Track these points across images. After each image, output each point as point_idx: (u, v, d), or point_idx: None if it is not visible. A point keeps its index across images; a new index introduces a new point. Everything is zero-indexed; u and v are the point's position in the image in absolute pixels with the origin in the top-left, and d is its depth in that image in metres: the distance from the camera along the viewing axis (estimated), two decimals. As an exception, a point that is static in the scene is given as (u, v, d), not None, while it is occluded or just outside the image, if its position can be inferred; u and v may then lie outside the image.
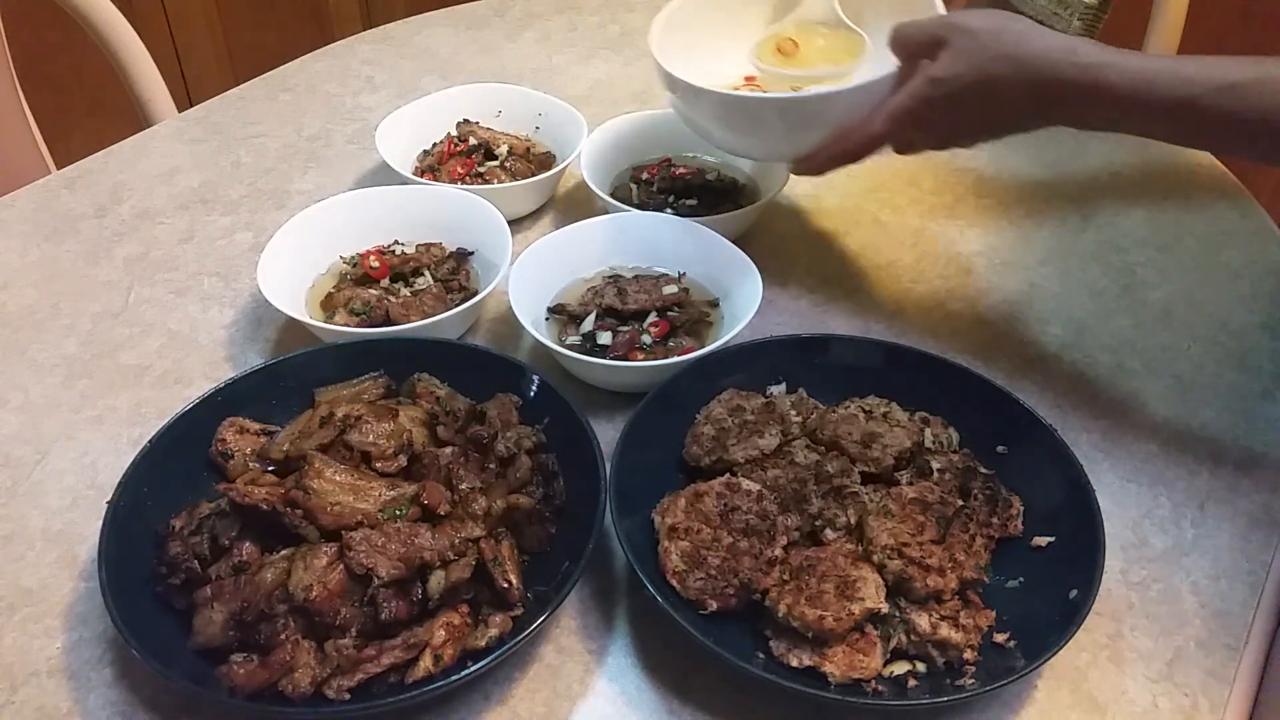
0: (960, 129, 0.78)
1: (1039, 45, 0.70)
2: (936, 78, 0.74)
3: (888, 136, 0.79)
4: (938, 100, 0.75)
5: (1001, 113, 0.74)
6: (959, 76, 0.73)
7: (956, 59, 0.73)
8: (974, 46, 0.72)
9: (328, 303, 0.88)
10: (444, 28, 1.36)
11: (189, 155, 1.12)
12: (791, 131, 0.84)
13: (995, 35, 0.72)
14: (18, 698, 0.63)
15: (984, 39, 0.72)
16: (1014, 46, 0.71)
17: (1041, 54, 0.70)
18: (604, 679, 0.64)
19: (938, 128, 0.78)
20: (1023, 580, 0.67)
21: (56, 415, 0.82)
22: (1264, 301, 0.92)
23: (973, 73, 0.72)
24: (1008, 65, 0.71)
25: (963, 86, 0.73)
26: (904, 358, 0.78)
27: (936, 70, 0.74)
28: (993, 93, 0.72)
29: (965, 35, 0.73)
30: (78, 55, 1.97)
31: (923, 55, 0.76)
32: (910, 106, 0.76)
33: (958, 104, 0.74)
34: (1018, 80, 0.71)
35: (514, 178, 1.01)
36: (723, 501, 0.67)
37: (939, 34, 0.75)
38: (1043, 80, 0.70)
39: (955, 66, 0.73)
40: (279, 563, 0.63)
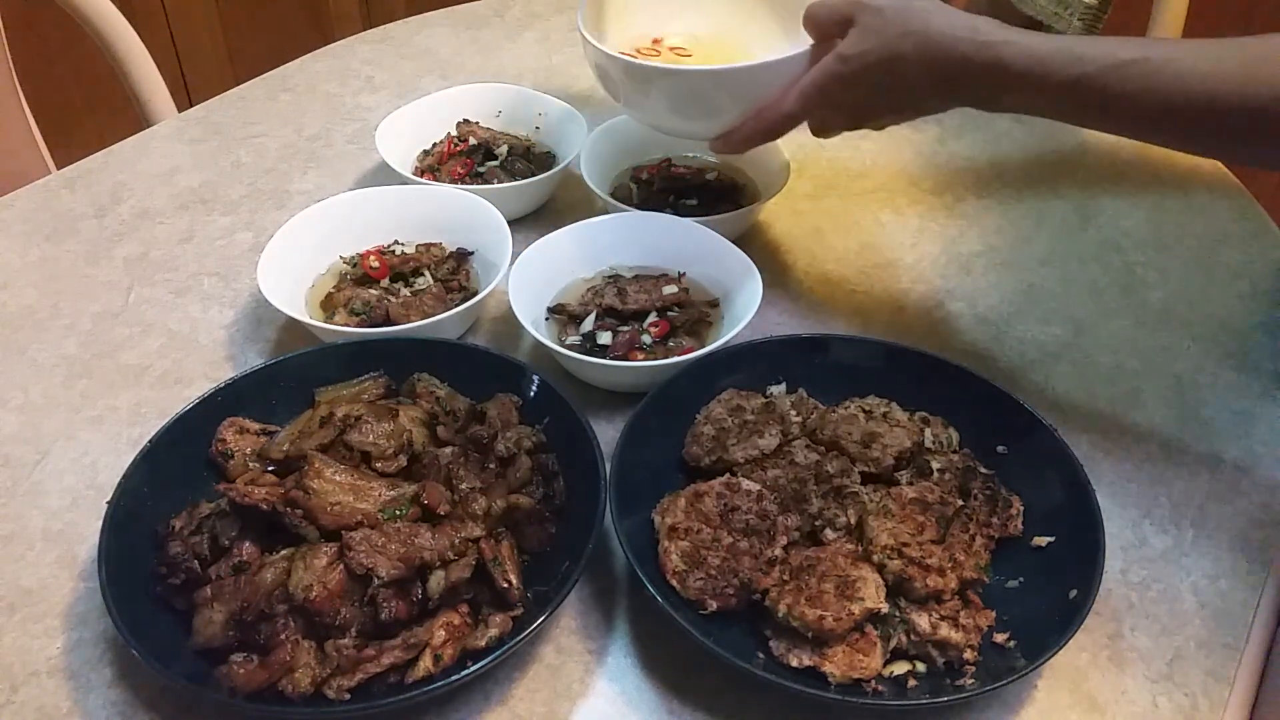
0: (868, 107, 0.79)
1: (940, 22, 0.71)
2: (844, 54, 0.75)
3: (801, 114, 0.81)
4: (845, 77, 0.76)
5: (906, 91, 0.75)
6: (864, 54, 0.74)
7: (864, 36, 0.74)
8: (879, 24, 0.73)
9: (328, 303, 0.88)
10: (444, 28, 1.36)
11: (189, 155, 1.12)
12: (704, 106, 0.85)
13: (900, 13, 0.73)
14: (18, 698, 0.63)
15: (889, 16, 0.73)
16: (918, 23, 0.72)
17: (943, 30, 0.71)
18: (604, 679, 0.64)
19: (847, 106, 0.79)
20: (1023, 580, 0.67)
21: (56, 415, 0.82)
22: (1264, 301, 0.92)
23: (878, 50, 0.73)
24: (909, 42, 0.72)
25: (868, 64, 0.74)
26: (904, 358, 0.78)
27: (844, 47, 0.75)
28: (897, 70, 0.73)
29: (872, 13, 0.74)
30: (78, 55, 1.97)
31: (834, 34, 0.77)
32: (820, 83, 0.77)
33: (864, 81, 0.75)
34: (919, 57, 0.72)
35: (514, 178, 1.01)
36: (723, 501, 0.67)
37: (848, 12, 0.75)
38: (942, 57, 0.71)
39: (862, 44, 0.74)
40: (279, 563, 0.63)
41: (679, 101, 0.87)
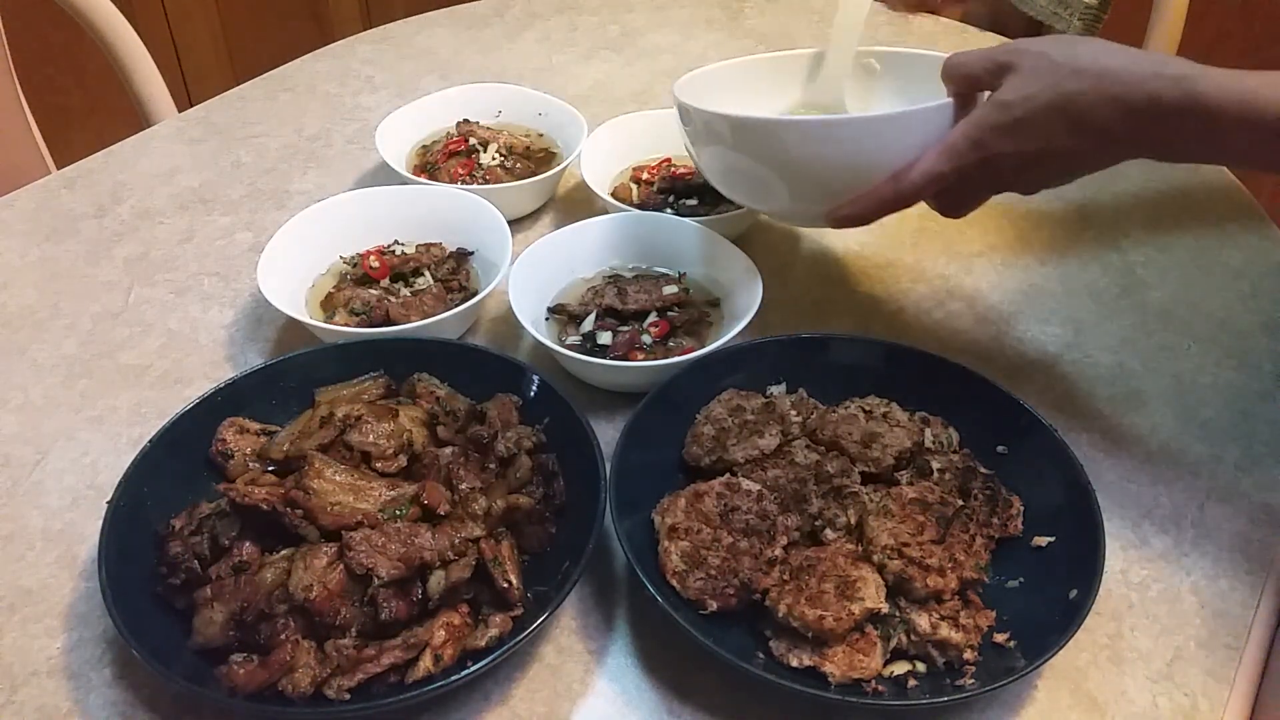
0: (1030, 164, 0.69)
1: (1119, 59, 0.63)
2: (1004, 100, 0.66)
3: (949, 173, 0.70)
4: (1006, 126, 0.66)
5: (1081, 138, 0.65)
6: (1030, 98, 0.64)
7: (1027, 80, 0.65)
8: (1046, 65, 0.64)
9: (328, 303, 0.88)
10: (444, 28, 1.36)
11: (189, 155, 1.12)
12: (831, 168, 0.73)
13: (1068, 52, 0.64)
14: (18, 698, 0.63)
15: (1056, 57, 0.64)
16: (1091, 62, 0.63)
17: (1124, 67, 0.62)
18: (604, 679, 0.64)
19: (1006, 161, 0.69)
20: (1023, 580, 0.67)
21: (56, 415, 0.82)
22: (1264, 301, 0.92)
23: (1047, 92, 0.64)
24: (1085, 81, 0.63)
25: (1036, 108, 0.64)
26: (904, 358, 0.78)
27: (1005, 94, 0.66)
28: (1072, 114, 0.64)
29: (1034, 56, 0.65)
30: (78, 55, 1.97)
31: (984, 85, 0.69)
32: (974, 135, 0.67)
33: (1028, 130, 0.65)
34: (1098, 98, 0.62)
35: (514, 178, 1.01)
36: (723, 501, 0.67)
37: (1004, 59, 0.67)
38: (1127, 96, 0.62)
39: (1026, 87, 0.65)
40: (279, 563, 0.63)
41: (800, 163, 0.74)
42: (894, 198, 0.72)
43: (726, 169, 0.80)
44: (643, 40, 1.34)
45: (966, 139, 0.68)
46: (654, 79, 1.26)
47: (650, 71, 1.27)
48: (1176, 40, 1.34)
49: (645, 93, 1.22)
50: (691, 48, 1.32)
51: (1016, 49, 0.67)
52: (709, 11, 1.41)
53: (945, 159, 0.69)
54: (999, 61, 0.67)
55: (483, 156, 1.03)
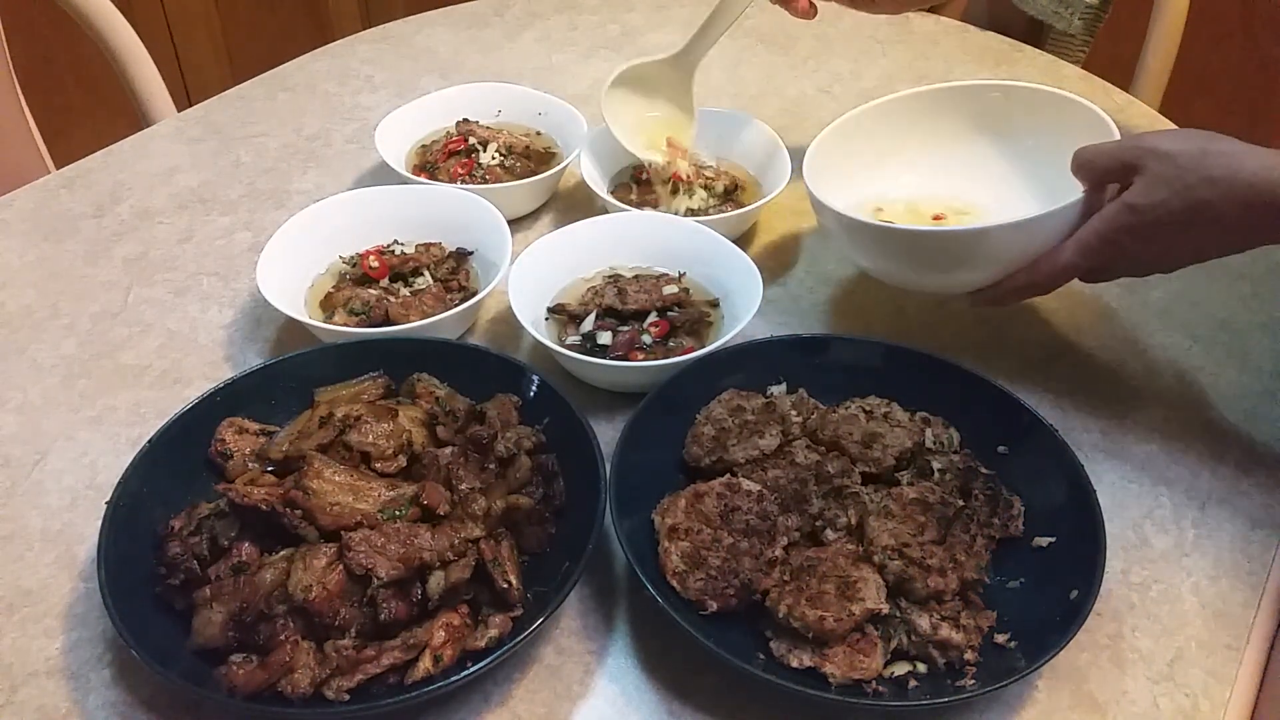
0: (1163, 257, 0.73)
1: (1252, 166, 0.65)
2: (1135, 204, 0.69)
3: (1080, 268, 0.74)
4: (1137, 229, 0.70)
5: (1212, 240, 0.70)
6: (1161, 204, 0.68)
7: (1156, 185, 0.68)
8: (1174, 172, 0.67)
9: (327, 302, 0.88)
10: (444, 27, 1.36)
11: (188, 155, 1.12)
12: (977, 262, 0.78)
13: (1197, 159, 0.67)
14: (17, 698, 0.63)
15: (1184, 162, 0.67)
16: (1222, 170, 0.66)
17: (1256, 176, 0.65)
18: (604, 679, 0.64)
19: (1138, 256, 0.73)
20: (1024, 581, 0.67)
21: (55, 415, 0.82)
22: (1265, 301, 0.92)
23: (1176, 199, 0.67)
24: (1216, 190, 0.66)
25: (1166, 214, 0.68)
26: (904, 358, 0.78)
27: (1134, 197, 0.69)
28: (1201, 219, 0.67)
29: (1162, 159, 0.68)
30: (78, 55, 1.97)
31: (1112, 180, 0.73)
32: (1106, 235, 0.71)
33: (1161, 234, 0.69)
34: (1230, 205, 0.66)
35: (514, 177, 1.01)
36: (723, 502, 0.67)
37: (1131, 159, 0.70)
38: (1258, 202, 0.65)
39: (1155, 193, 0.68)
40: (278, 563, 0.62)
41: (951, 260, 0.79)
42: (1028, 286, 0.77)
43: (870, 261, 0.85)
44: (643, 40, 1.34)
45: (1099, 238, 0.72)
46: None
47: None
48: (1176, 40, 1.34)
49: (645, 92, 1.22)
50: (691, 47, 1.32)
51: (1142, 150, 0.69)
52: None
53: (1079, 255, 0.73)
54: (1125, 161, 0.70)
55: (482, 156, 1.03)
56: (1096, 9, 1.32)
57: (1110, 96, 1.21)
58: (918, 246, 0.79)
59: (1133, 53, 1.36)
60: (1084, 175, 0.74)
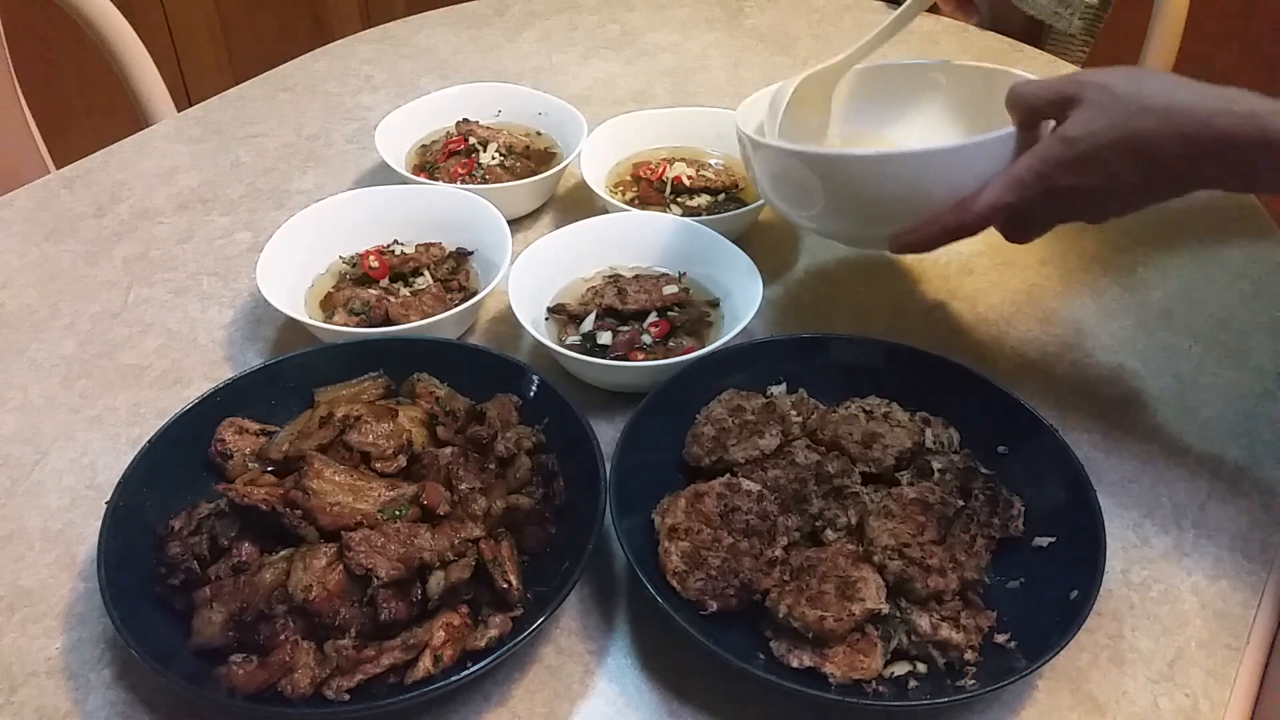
0: (1096, 196, 0.69)
1: (1186, 95, 0.62)
2: (1070, 136, 0.66)
3: (1016, 204, 0.70)
4: (1072, 161, 0.66)
5: (1148, 174, 0.66)
6: (1096, 134, 0.65)
7: (1092, 115, 0.65)
8: (1110, 100, 0.64)
9: (327, 302, 0.88)
10: (444, 27, 1.36)
11: (188, 155, 1.12)
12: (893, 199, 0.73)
13: (1133, 87, 0.64)
14: (17, 698, 0.63)
15: (1121, 91, 0.64)
16: (1159, 96, 0.63)
17: (1192, 105, 0.62)
18: (604, 679, 0.64)
19: (1071, 195, 0.69)
20: (1023, 581, 0.67)
21: (55, 415, 0.82)
22: (1265, 301, 0.92)
23: (1113, 129, 0.64)
24: (1152, 119, 0.63)
25: (1101, 145, 0.64)
26: (904, 358, 0.78)
27: (1069, 129, 0.66)
28: (1138, 150, 0.64)
29: (1099, 89, 0.65)
30: (78, 55, 1.97)
31: (1048, 116, 0.69)
32: (1041, 170, 0.68)
33: (1095, 166, 0.66)
34: (1166, 134, 0.63)
35: (514, 177, 1.01)
36: (723, 502, 0.67)
37: (1069, 90, 0.67)
38: (1198, 134, 0.62)
39: (1092, 123, 0.65)
40: (278, 563, 0.62)
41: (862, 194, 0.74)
42: (957, 226, 0.72)
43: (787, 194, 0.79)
44: (642, 39, 1.34)
45: (1032, 172, 0.68)
46: (654, 78, 1.25)
47: (650, 71, 1.27)
48: (1177, 40, 1.34)
49: (645, 92, 1.22)
50: (691, 47, 1.32)
51: (1079, 81, 0.66)
52: (709, 10, 1.41)
53: (1010, 191, 0.69)
54: (1062, 93, 0.67)
55: (482, 156, 1.03)
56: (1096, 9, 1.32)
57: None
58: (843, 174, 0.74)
59: (1133, 53, 1.36)
60: (1017, 110, 0.71)
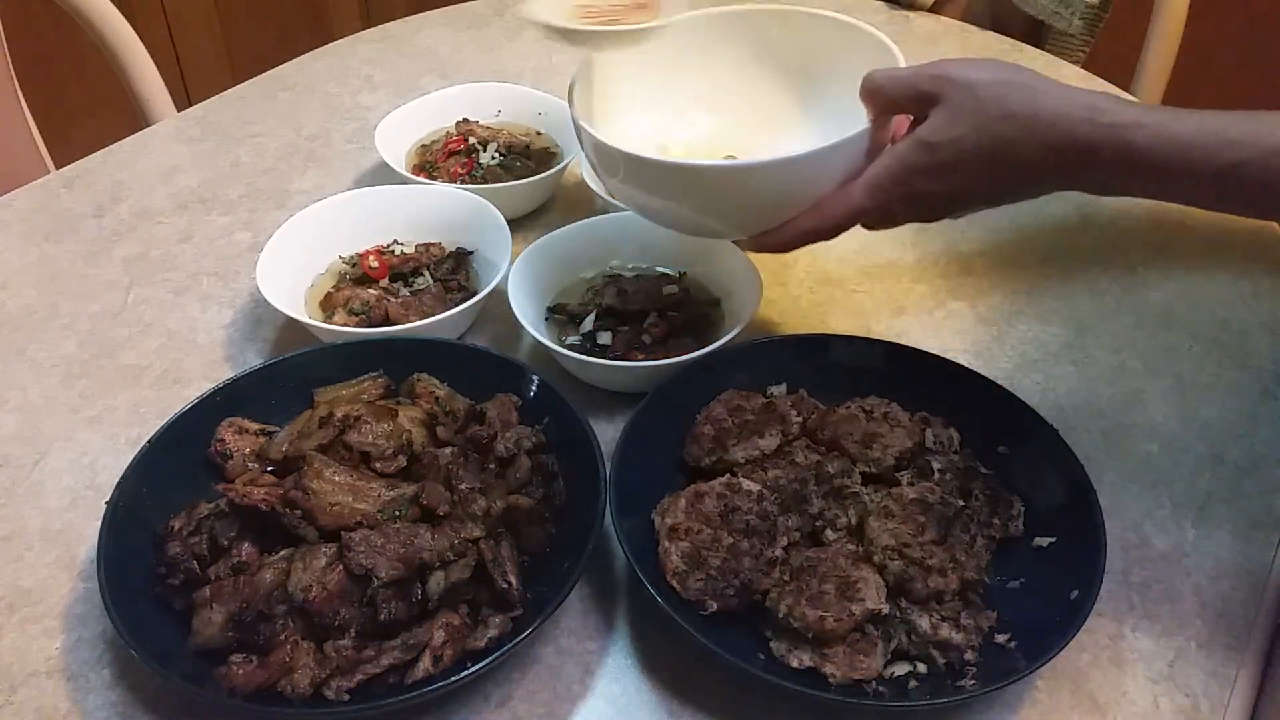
0: (957, 199, 0.68)
1: (1052, 103, 0.61)
2: (930, 142, 0.64)
3: (872, 209, 0.68)
4: (932, 168, 0.64)
5: (1010, 180, 0.65)
6: (957, 141, 0.63)
7: (954, 119, 0.63)
8: (973, 104, 0.62)
9: (327, 302, 0.88)
10: (444, 27, 1.36)
11: (188, 155, 1.12)
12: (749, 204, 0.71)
13: (999, 91, 0.62)
14: (17, 698, 0.63)
15: (984, 94, 0.62)
16: (1023, 104, 0.61)
17: (1058, 113, 0.60)
18: (604, 680, 0.64)
19: (931, 199, 0.68)
20: (1024, 581, 0.67)
21: (55, 415, 0.82)
22: (1265, 301, 0.92)
23: (975, 134, 0.62)
24: (1016, 126, 0.61)
25: (961, 153, 0.63)
26: (904, 358, 0.78)
27: (929, 133, 0.64)
28: (1000, 158, 0.62)
29: (961, 90, 0.63)
30: (77, 55, 1.97)
31: (904, 111, 0.68)
32: (899, 176, 0.66)
33: (956, 173, 0.64)
34: (1030, 143, 0.61)
35: (514, 177, 1.01)
36: (723, 502, 0.67)
37: (928, 88, 0.64)
38: (1058, 144, 0.61)
39: (953, 128, 0.63)
40: (278, 563, 0.62)
41: (720, 200, 0.72)
42: (815, 230, 0.71)
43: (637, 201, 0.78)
44: (642, 40, 1.34)
45: (890, 177, 0.67)
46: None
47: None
48: (1177, 40, 1.34)
49: (645, 92, 1.22)
50: (691, 47, 1.32)
51: (941, 78, 0.64)
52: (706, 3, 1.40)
53: (869, 195, 0.68)
54: (922, 90, 0.65)
55: (482, 156, 1.03)
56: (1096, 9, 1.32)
57: (1110, 96, 1.21)
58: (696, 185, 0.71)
59: (1133, 53, 1.36)
60: (873, 103, 0.68)
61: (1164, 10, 1.32)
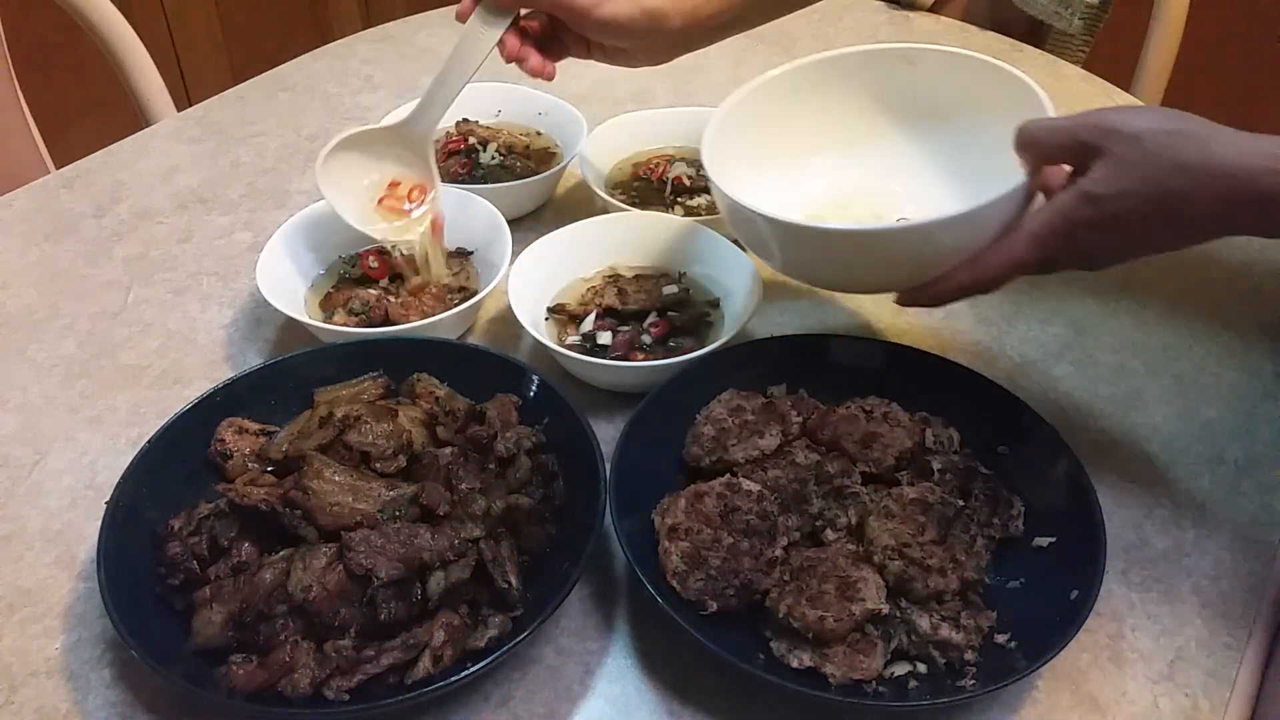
0: (1121, 250, 0.65)
1: (1229, 153, 0.58)
2: (1095, 194, 0.61)
3: (1030, 265, 0.66)
4: (1098, 222, 0.62)
5: (1177, 231, 0.62)
6: (1124, 195, 0.60)
7: (1120, 172, 0.60)
8: (1139, 157, 0.60)
9: (327, 302, 0.88)
10: (444, 27, 1.35)
11: (188, 155, 1.12)
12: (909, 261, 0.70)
13: (1168, 142, 0.59)
14: (17, 698, 0.63)
15: (1151, 146, 0.59)
16: (1195, 155, 0.59)
17: (1230, 161, 0.58)
18: (604, 680, 0.64)
19: (1097, 250, 0.65)
20: (1024, 581, 0.67)
21: (55, 415, 0.82)
22: (1265, 301, 0.92)
23: (1143, 187, 0.60)
24: (1188, 179, 0.59)
25: (1131, 205, 0.60)
26: (904, 358, 0.78)
27: (1095, 186, 0.61)
28: (1170, 211, 0.60)
29: (1126, 142, 0.60)
30: (78, 55, 1.97)
31: (1063, 162, 0.66)
32: (1062, 229, 0.64)
33: (1124, 227, 0.62)
34: (1203, 196, 0.59)
35: (514, 177, 1.01)
36: (723, 502, 0.67)
37: (1090, 139, 0.62)
38: (1236, 195, 0.58)
39: (1119, 182, 0.60)
40: (278, 563, 0.62)
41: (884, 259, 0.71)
42: (973, 284, 0.69)
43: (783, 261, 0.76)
44: (642, 40, 1.34)
45: (1053, 232, 0.64)
46: (653, 78, 1.25)
47: (650, 71, 1.27)
48: (1177, 40, 1.34)
49: (645, 92, 1.22)
50: (691, 47, 1.32)
51: (1104, 130, 0.62)
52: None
53: (1031, 250, 0.66)
54: (1083, 142, 0.63)
55: (482, 156, 1.03)
56: (1096, 9, 1.32)
57: (1110, 97, 1.21)
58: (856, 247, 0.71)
59: (1133, 53, 1.36)
60: (1030, 154, 0.67)
61: (1164, 10, 1.32)
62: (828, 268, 0.75)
